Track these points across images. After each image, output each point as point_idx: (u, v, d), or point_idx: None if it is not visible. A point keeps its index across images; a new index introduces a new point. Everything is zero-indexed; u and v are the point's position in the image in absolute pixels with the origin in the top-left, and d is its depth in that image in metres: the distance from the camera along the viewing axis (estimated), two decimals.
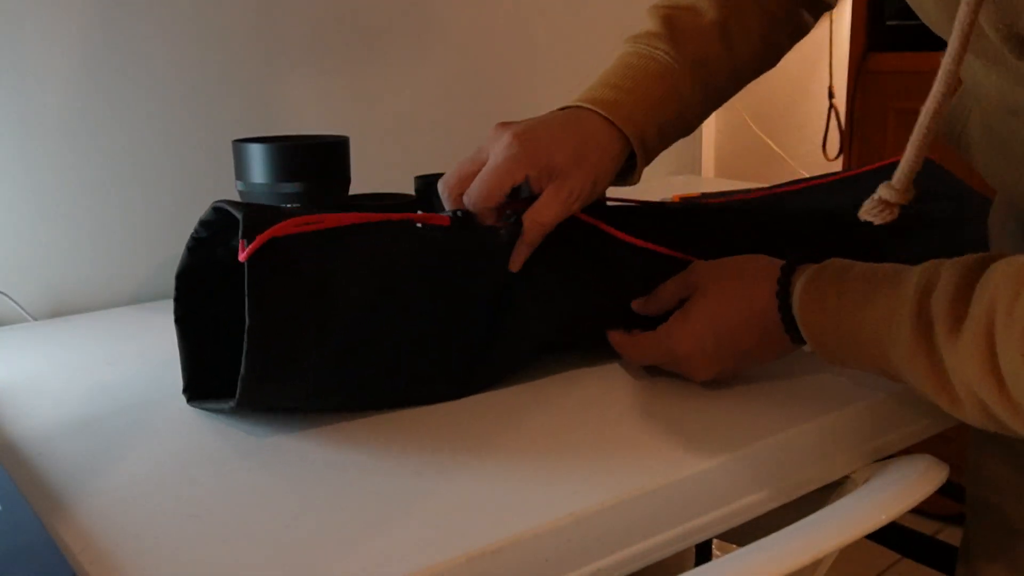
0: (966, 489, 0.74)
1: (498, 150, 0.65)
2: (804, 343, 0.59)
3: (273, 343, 0.54)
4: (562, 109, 0.69)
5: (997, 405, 0.48)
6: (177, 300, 0.60)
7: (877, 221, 0.53)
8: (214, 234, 0.58)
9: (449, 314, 0.61)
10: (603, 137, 0.67)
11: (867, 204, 0.54)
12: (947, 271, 0.51)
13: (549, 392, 0.64)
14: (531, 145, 0.65)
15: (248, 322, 0.53)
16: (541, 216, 0.64)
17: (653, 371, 0.66)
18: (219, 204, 0.58)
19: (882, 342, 0.53)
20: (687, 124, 0.73)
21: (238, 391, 0.55)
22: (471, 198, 0.65)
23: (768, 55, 0.76)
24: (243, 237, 0.54)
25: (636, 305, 0.68)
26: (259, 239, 0.54)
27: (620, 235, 0.67)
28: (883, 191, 0.53)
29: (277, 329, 0.54)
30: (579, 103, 0.69)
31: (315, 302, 0.56)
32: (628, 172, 0.71)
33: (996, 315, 0.46)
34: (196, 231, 0.59)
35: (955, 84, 0.48)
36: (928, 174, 0.86)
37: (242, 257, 0.53)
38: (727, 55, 0.72)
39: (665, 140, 0.71)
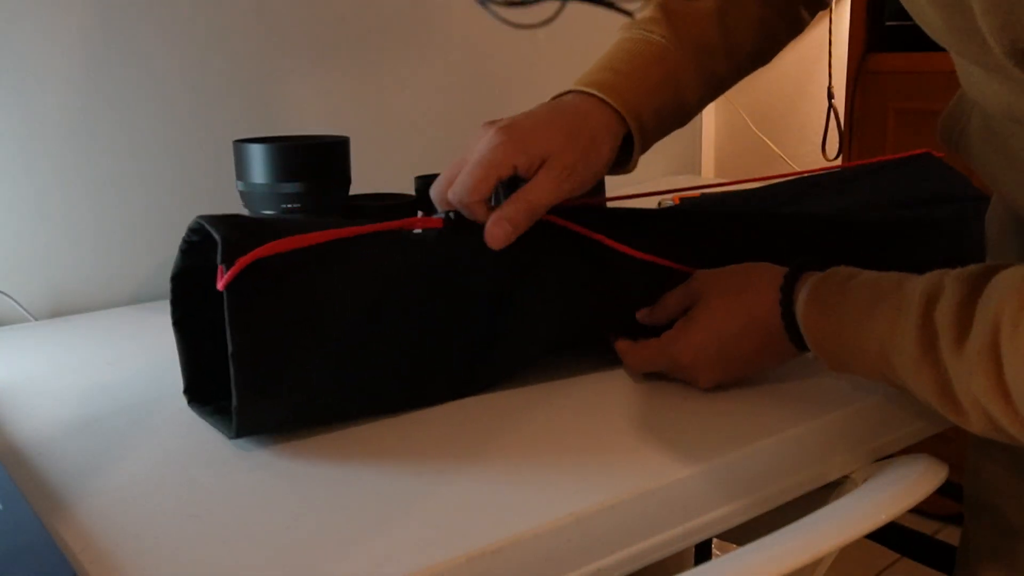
0: (965, 490, 0.74)
1: (482, 145, 0.63)
2: (808, 350, 0.59)
3: (261, 363, 0.54)
4: (556, 97, 0.69)
5: (1003, 417, 0.48)
6: (173, 303, 0.60)
7: None
8: (206, 236, 0.57)
9: (448, 315, 0.61)
10: (598, 117, 0.66)
11: None
12: (951, 282, 0.50)
13: (549, 393, 0.64)
14: (518, 134, 0.62)
15: (231, 348, 0.53)
16: (530, 194, 0.61)
17: (653, 373, 0.66)
18: (201, 221, 0.57)
19: (886, 351, 0.53)
20: (685, 111, 0.72)
21: (234, 423, 0.55)
22: (455, 194, 0.62)
23: (765, 47, 0.76)
24: (222, 262, 0.53)
25: (641, 315, 0.68)
26: (238, 264, 0.53)
27: (621, 248, 0.67)
28: None
29: (264, 350, 0.54)
30: (573, 88, 0.68)
31: (303, 317, 0.55)
32: (625, 161, 0.71)
33: (1001, 327, 0.46)
34: (187, 235, 0.59)
35: None
36: (934, 174, 0.86)
37: (220, 285, 0.53)
38: (725, 43, 0.72)
39: (662, 126, 0.71)
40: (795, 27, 0.77)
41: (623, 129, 0.67)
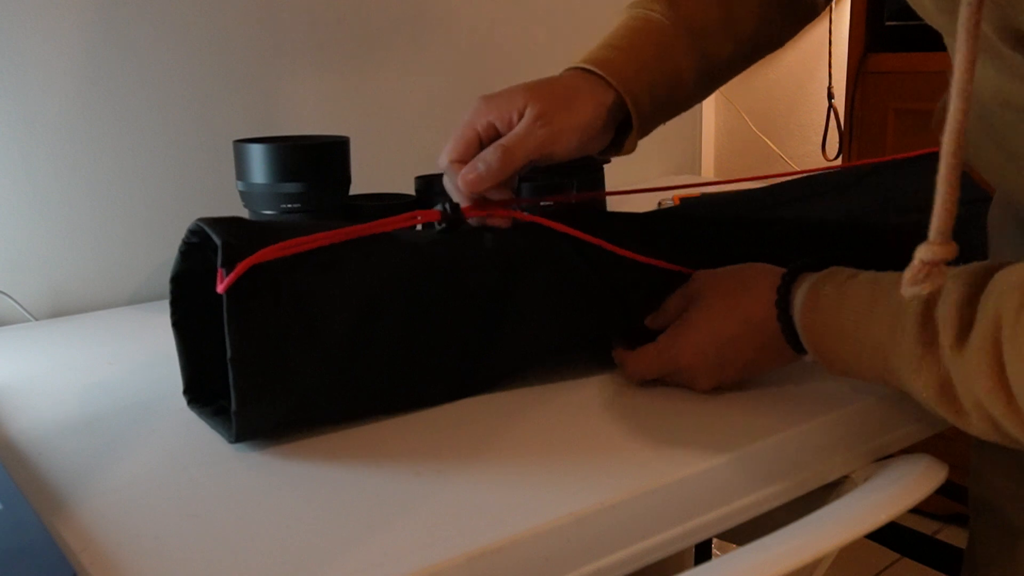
0: (969, 491, 0.74)
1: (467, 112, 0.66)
2: (805, 353, 0.59)
3: (261, 368, 0.54)
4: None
5: (1004, 418, 0.47)
6: (173, 304, 0.60)
7: (926, 289, 0.45)
8: (205, 238, 0.57)
9: (447, 316, 0.61)
10: (589, 87, 0.66)
11: (908, 274, 0.45)
12: (951, 280, 0.50)
13: (549, 393, 0.64)
14: (493, 95, 0.65)
15: (230, 352, 0.53)
16: (504, 139, 0.63)
17: None
18: (201, 224, 0.57)
19: (885, 352, 0.53)
20: (683, 91, 0.71)
21: (234, 427, 0.55)
22: (440, 161, 0.65)
23: (771, 31, 0.74)
24: (222, 266, 0.53)
25: (648, 321, 0.67)
26: (238, 269, 0.53)
27: (621, 251, 0.67)
28: (923, 252, 0.44)
29: (263, 354, 0.54)
30: (569, 66, 0.69)
31: (302, 320, 0.55)
32: (622, 141, 0.70)
33: (1002, 325, 0.46)
34: (187, 237, 0.59)
35: (970, 100, 0.44)
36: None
37: (220, 289, 0.53)
38: (726, 24, 0.71)
39: (659, 103, 0.70)
40: (805, 13, 0.75)
41: (612, 97, 0.67)
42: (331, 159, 0.81)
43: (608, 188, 1.03)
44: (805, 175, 0.90)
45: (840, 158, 1.82)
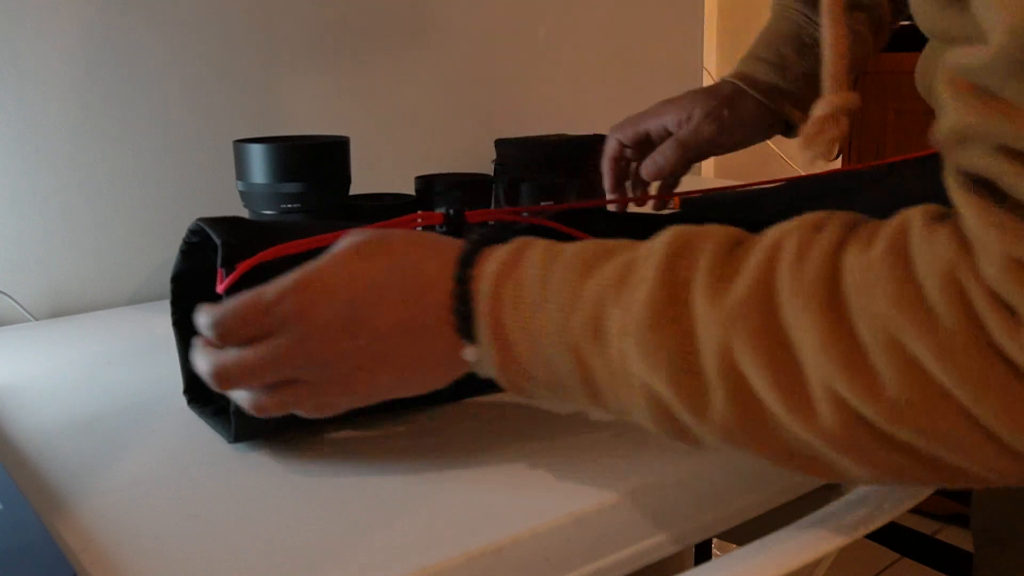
0: (972, 491, 0.74)
1: None
2: (472, 341, 0.45)
3: None
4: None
5: (763, 382, 0.37)
6: (173, 303, 0.60)
7: (828, 146, 0.41)
8: (206, 238, 0.57)
9: None
10: (747, 96, 0.74)
11: (802, 135, 0.47)
12: (714, 229, 0.42)
13: None
14: (676, 101, 0.74)
15: None
16: (677, 135, 0.73)
17: None
18: (201, 223, 0.57)
19: (601, 320, 0.41)
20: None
21: (232, 427, 0.55)
22: (610, 132, 0.76)
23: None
24: (222, 266, 0.53)
25: None
26: (239, 270, 0.53)
27: None
28: (818, 106, 0.45)
29: None
30: (725, 78, 0.77)
31: None
32: (791, 126, 0.78)
33: (779, 259, 0.37)
34: (188, 236, 0.59)
35: None
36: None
37: (220, 289, 0.53)
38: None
39: (814, 91, 0.74)
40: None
41: (766, 105, 0.74)
42: (331, 159, 0.81)
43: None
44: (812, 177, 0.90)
45: (840, 158, 1.82)
